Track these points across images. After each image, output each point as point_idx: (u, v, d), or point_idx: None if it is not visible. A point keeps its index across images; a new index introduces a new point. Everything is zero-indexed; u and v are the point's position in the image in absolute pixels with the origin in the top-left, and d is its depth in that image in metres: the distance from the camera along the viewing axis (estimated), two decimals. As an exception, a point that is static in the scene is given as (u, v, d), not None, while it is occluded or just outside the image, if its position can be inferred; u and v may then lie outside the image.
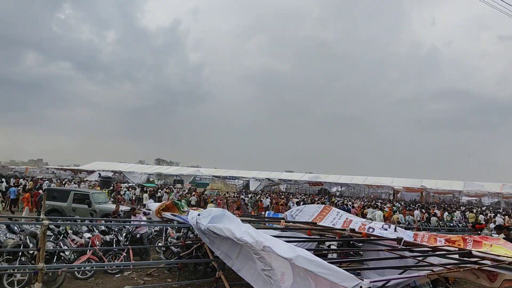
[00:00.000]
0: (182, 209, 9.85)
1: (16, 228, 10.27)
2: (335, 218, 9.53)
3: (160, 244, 12.04)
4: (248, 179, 63.58)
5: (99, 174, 54.43)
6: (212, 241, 7.43)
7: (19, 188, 25.66)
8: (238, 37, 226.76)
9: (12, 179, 36.08)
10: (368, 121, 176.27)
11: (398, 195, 57.16)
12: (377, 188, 62.54)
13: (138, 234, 11.09)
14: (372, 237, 8.07)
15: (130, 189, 34.89)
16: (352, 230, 8.23)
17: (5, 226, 10.28)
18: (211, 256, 8.79)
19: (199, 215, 7.99)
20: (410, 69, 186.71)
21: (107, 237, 10.49)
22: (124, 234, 10.96)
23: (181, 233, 12.22)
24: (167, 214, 9.55)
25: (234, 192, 44.40)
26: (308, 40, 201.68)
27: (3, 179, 33.32)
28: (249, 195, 38.63)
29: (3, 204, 22.05)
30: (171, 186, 47.96)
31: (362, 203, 36.35)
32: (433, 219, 24.40)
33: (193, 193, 31.03)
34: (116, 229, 11.06)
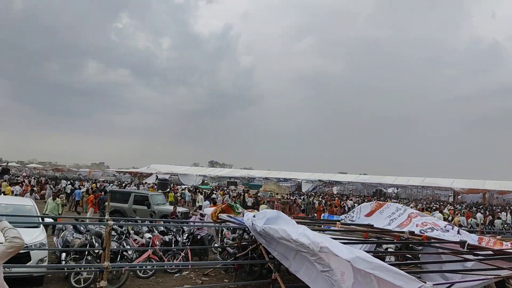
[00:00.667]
0: (237, 211, 9.97)
1: (82, 228, 10.85)
2: (394, 213, 9.27)
3: (216, 245, 12.26)
4: (300, 181, 63.21)
5: (157, 176, 56.16)
6: (268, 242, 7.46)
7: (83, 190, 27.06)
8: (288, 39, 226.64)
9: (77, 182, 38.16)
10: (424, 121, 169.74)
11: (459, 196, 54.51)
12: (435, 190, 59.97)
13: (199, 236, 11.35)
14: (433, 240, 7.76)
15: (186, 191, 35.78)
16: (411, 233, 7.96)
17: (72, 227, 10.90)
18: (266, 257, 8.82)
19: (254, 216, 8.04)
20: (469, 66, 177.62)
21: (166, 238, 10.82)
22: (186, 235, 11.25)
23: (237, 235, 12.38)
24: (223, 216, 9.70)
25: (286, 194, 44.29)
26: (359, 39, 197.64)
27: (69, 182, 35.37)
28: (302, 197, 38.39)
29: (64, 205, 23.35)
30: (225, 188, 48.68)
31: (420, 205, 35.02)
32: (498, 221, 23.03)
33: (246, 194, 31.32)
34: (174, 230, 11.38)
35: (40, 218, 9.59)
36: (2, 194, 22.09)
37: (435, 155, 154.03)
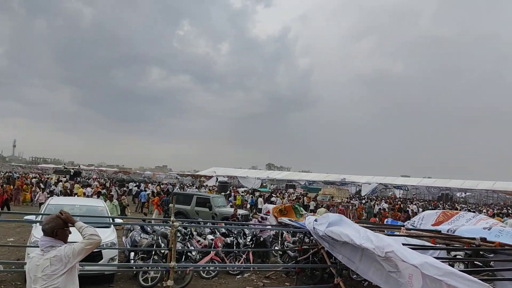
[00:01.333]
0: (300, 213, 9.92)
1: (149, 229, 11.31)
2: (463, 225, 8.78)
3: (276, 248, 12.28)
4: (360, 184, 61.76)
5: (217, 178, 57.28)
6: (332, 246, 7.36)
7: (148, 192, 28.19)
8: (347, 40, 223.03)
9: (142, 184, 39.82)
10: (494, 118, 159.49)
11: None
12: (507, 195, 56.07)
13: (261, 238, 11.43)
14: (507, 247, 7.27)
15: (246, 194, 36.15)
16: (483, 239, 7.50)
17: (139, 227, 11.39)
18: (328, 261, 8.70)
19: (316, 220, 7.97)
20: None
21: (228, 239, 10.99)
22: (249, 238, 11.36)
23: (297, 238, 12.33)
24: (284, 219, 9.69)
25: (346, 198, 43.44)
26: (423, 38, 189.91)
27: (135, 184, 36.97)
28: (362, 201, 37.48)
29: (126, 206, 24.41)
30: (283, 191, 48.63)
31: (491, 210, 32.94)
32: None
33: (305, 198, 31.10)
34: (236, 232, 11.53)
35: (110, 219, 10.09)
36: (75, 195, 23.47)
37: (506, 158, 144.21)
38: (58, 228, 3.32)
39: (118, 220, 10.23)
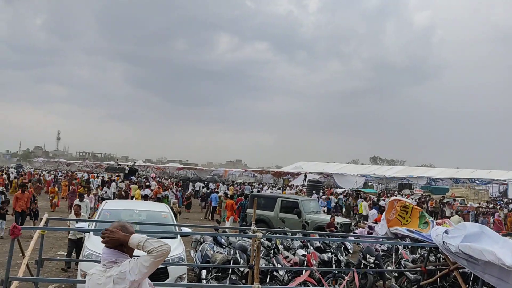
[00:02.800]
0: (425, 221, 9.53)
1: (223, 240, 11.64)
2: None
3: (390, 268, 12.04)
4: (506, 182, 58.29)
5: (305, 176, 57.34)
6: (472, 263, 7.08)
7: (220, 194, 29.00)
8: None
9: (211, 184, 41.03)
10: None
11: None
12: None
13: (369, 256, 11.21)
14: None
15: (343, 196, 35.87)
16: None
17: (211, 238, 11.77)
18: (464, 286, 8.37)
19: (446, 232, 7.68)
20: None
21: (325, 256, 10.97)
22: (366, 255, 11.19)
23: (418, 255, 11.98)
24: (401, 230, 9.42)
25: (486, 201, 41.36)
26: None
27: (203, 184, 38.15)
28: (511, 205, 35.44)
29: (178, 213, 25.28)
30: (395, 192, 47.49)
31: None
32: None
33: (429, 202, 30.13)
34: (334, 246, 11.48)
35: (177, 228, 10.53)
36: (133, 198, 24.77)
37: None
38: (121, 244, 3.44)
39: (185, 229, 10.64)
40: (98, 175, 48.09)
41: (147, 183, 34.93)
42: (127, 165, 57.76)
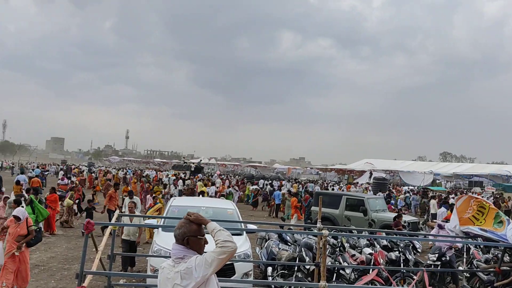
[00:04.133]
0: (499, 220, 9.12)
1: (288, 238, 11.64)
2: None
3: (461, 268, 11.66)
4: None
5: (371, 174, 56.56)
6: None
7: (283, 191, 29.05)
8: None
9: (275, 182, 41.18)
10: None
11: None
12: None
13: (445, 256, 10.81)
14: None
15: (411, 194, 35.09)
16: None
17: (276, 236, 11.79)
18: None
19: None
20: None
21: (393, 255, 10.74)
22: (436, 255, 10.87)
23: (491, 255, 11.56)
24: (474, 228, 9.08)
25: None
26: None
27: (267, 181, 38.34)
28: None
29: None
30: (465, 190, 45.96)
31: None
32: None
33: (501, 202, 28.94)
34: (402, 245, 11.23)
35: (242, 225, 10.61)
36: (200, 195, 25.20)
37: None
38: (190, 235, 3.54)
39: (251, 226, 10.71)
40: (168, 173, 49.20)
41: (212, 181, 35.47)
42: (193, 163, 58.79)
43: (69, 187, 26.02)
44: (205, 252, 3.51)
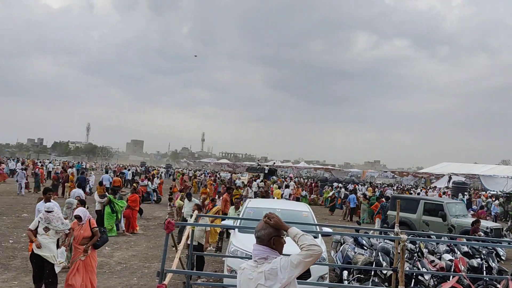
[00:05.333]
0: None
1: (364, 242, 11.48)
2: None
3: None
4: None
5: (450, 178, 54.74)
6: None
7: (359, 195, 28.69)
8: None
9: (350, 185, 40.76)
10: None
11: None
12: None
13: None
14: None
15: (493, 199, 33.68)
16: None
17: (352, 239, 11.67)
18: None
19: None
20: None
21: (474, 262, 10.37)
22: None
23: None
24: None
25: None
26: None
27: (341, 185, 38.01)
28: None
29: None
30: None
31: None
32: None
33: None
34: (484, 252, 10.82)
35: (318, 227, 10.58)
36: (276, 198, 25.40)
37: None
38: (275, 235, 3.54)
39: (326, 229, 10.66)
40: (241, 175, 49.78)
41: (286, 183, 35.54)
42: (267, 165, 59.17)
43: (180, 188, 26.96)
44: (288, 255, 3.51)
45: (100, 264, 11.63)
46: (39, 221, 8.45)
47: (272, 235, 3.53)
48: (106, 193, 17.07)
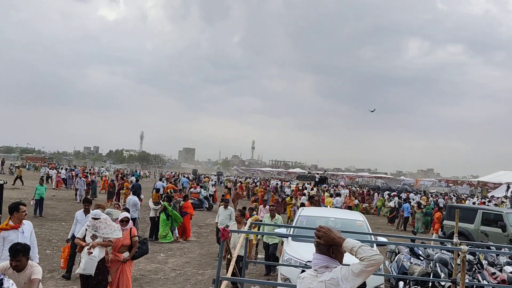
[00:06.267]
0: None
1: (420, 252, 11.21)
2: None
3: None
4: None
5: (508, 187, 52.85)
6: None
7: (413, 203, 28.08)
8: None
9: (403, 193, 39.95)
10: None
11: None
12: None
13: None
14: None
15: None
16: None
17: (407, 249, 11.42)
18: None
19: None
20: None
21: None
22: None
23: None
24: None
25: None
26: None
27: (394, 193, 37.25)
28: None
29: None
30: None
31: None
32: None
33: None
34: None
35: (372, 237, 10.40)
36: (328, 206, 25.19)
37: None
38: (334, 245, 3.50)
39: (381, 239, 10.48)
40: (291, 183, 49.68)
41: (337, 192, 35.17)
42: (317, 173, 58.82)
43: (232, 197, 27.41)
44: (348, 265, 3.44)
45: (155, 271, 11.84)
46: (86, 229, 8.11)
47: (331, 244, 3.48)
48: (161, 200, 17.34)
